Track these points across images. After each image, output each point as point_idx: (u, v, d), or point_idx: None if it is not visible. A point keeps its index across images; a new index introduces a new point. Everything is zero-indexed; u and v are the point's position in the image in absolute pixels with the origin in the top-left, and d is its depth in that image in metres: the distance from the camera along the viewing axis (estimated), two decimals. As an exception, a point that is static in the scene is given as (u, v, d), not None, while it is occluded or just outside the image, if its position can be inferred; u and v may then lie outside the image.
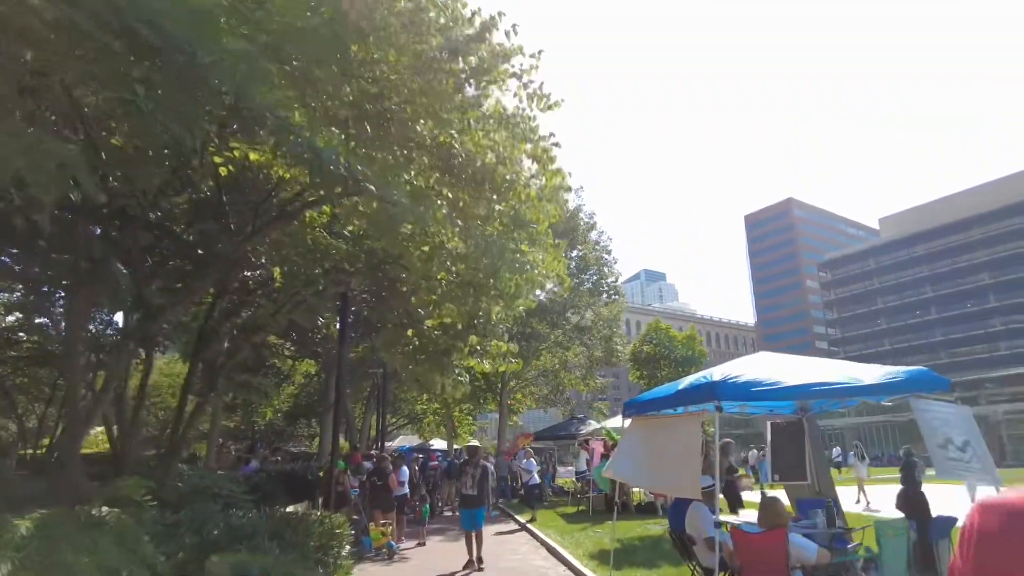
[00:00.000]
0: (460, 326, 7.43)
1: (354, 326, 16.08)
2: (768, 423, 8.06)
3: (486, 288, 7.07)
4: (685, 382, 6.18)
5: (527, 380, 30.91)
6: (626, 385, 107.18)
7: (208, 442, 24.89)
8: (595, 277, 28.05)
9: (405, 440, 47.02)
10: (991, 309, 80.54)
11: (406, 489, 12.13)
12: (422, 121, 5.44)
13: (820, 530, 6.49)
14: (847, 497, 19.65)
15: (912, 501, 4.89)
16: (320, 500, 11.59)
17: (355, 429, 29.16)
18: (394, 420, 49.05)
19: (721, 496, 6.55)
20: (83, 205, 7.02)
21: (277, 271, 10.11)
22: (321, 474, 12.40)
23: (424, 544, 11.89)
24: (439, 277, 7.48)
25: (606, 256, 28.32)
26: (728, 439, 11.58)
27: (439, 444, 38.23)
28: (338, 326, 11.70)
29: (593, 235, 28.12)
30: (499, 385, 28.99)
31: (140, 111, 4.07)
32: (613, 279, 27.92)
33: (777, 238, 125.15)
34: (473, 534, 9.48)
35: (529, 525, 13.68)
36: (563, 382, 29.67)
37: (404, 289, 8.84)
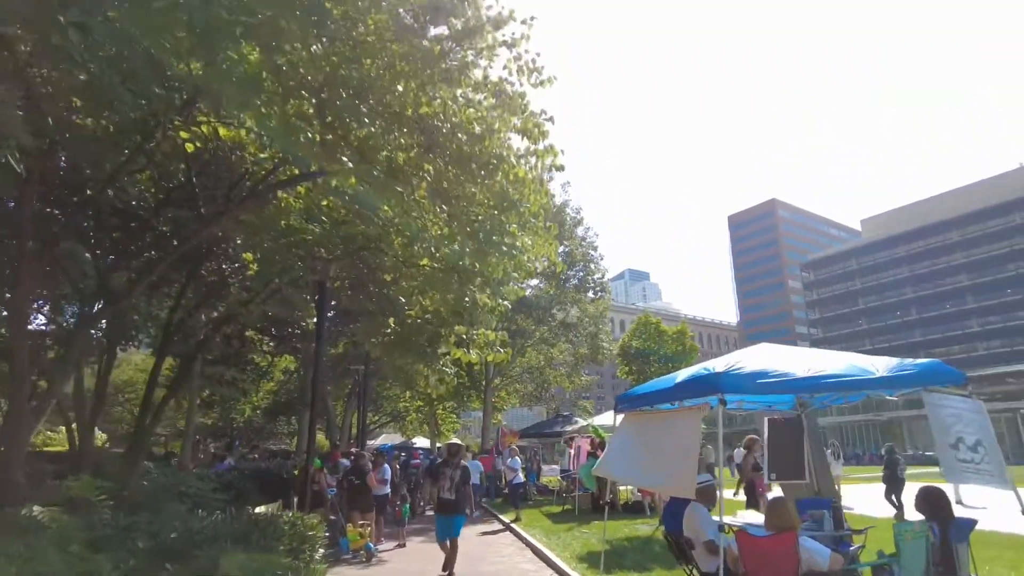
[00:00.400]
0: (444, 314, 6.95)
1: (334, 320, 15.53)
2: (765, 420, 7.69)
3: (471, 275, 6.62)
4: (684, 374, 5.78)
5: (512, 377, 30.51)
6: (610, 384, 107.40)
7: (184, 439, 24.13)
8: (581, 273, 27.70)
9: (388, 438, 46.43)
10: (969, 310, 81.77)
11: (387, 489, 11.62)
12: (401, 87, 4.97)
13: (826, 532, 6.13)
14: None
15: (933, 502, 4.51)
16: (295, 500, 11.05)
17: (336, 426, 28.52)
18: (376, 418, 48.39)
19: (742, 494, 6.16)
20: (32, 178, 6.44)
21: (250, 257, 9.57)
22: (296, 473, 11.87)
23: (404, 545, 11.41)
24: (421, 263, 7.02)
25: (592, 252, 27.99)
26: (754, 435, 11.13)
27: (422, 442, 37.70)
28: (315, 319, 11.17)
29: (580, 231, 27.78)
30: (483, 382, 28.56)
31: (75, 63, 3.56)
32: (599, 275, 27.59)
33: (760, 238, 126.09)
34: (447, 543, 8.36)
35: (514, 525, 13.26)
36: (548, 379, 29.31)
37: (387, 278, 8.35)
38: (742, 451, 28.45)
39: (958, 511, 5.32)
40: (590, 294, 28.15)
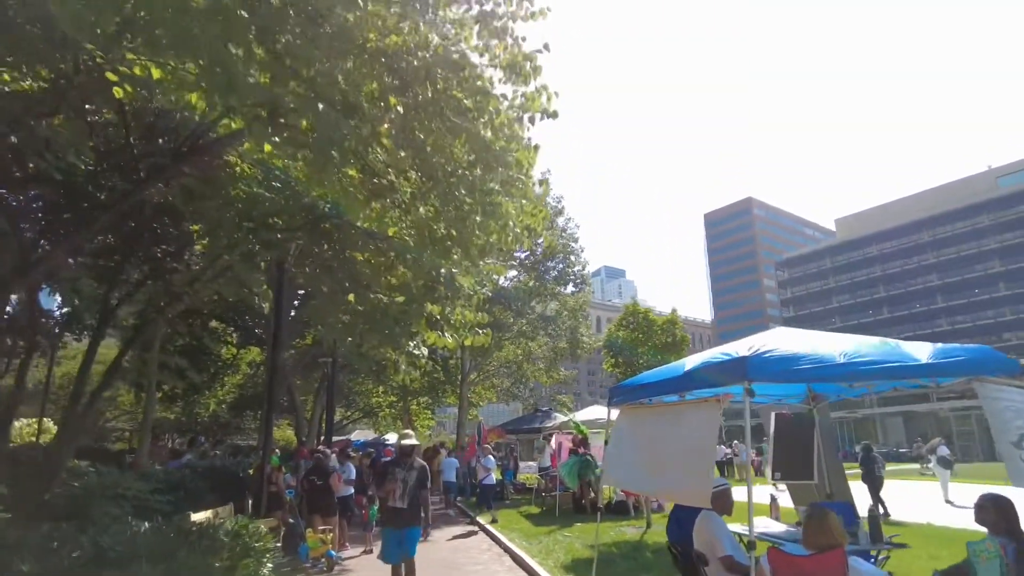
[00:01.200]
0: (415, 290, 6.00)
1: (298, 307, 14.43)
2: (772, 414, 6.91)
3: (447, 245, 5.68)
4: (697, 360, 4.93)
5: (488, 372, 29.61)
6: (586, 380, 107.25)
7: (141, 435, 22.71)
8: (561, 266, 26.86)
9: (361, 434, 45.26)
10: (938, 310, 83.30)
11: (351, 489, 10.63)
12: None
13: (863, 545, 5.33)
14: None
15: (1007, 514, 3.72)
16: (250, 502, 10.01)
17: (304, 421, 27.28)
18: (348, 414, 47.13)
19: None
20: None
21: (197, 230, 8.49)
22: (251, 472, 10.80)
23: (371, 551, 10.42)
24: (390, 232, 6.06)
25: (573, 244, 27.17)
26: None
27: (395, 439, 36.62)
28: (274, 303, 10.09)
29: (560, 221, 26.92)
30: (459, 377, 27.61)
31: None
32: (580, 268, 26.78)
33: (736, 236, 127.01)
34: (402, 567, 6.43)
35: (490, 527, 12.36)
36: (526, 374, 28.44)
37: (358, 257, 7.33)
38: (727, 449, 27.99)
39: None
40: (570, 287, 27.38)
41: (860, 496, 14.32)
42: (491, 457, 17.23)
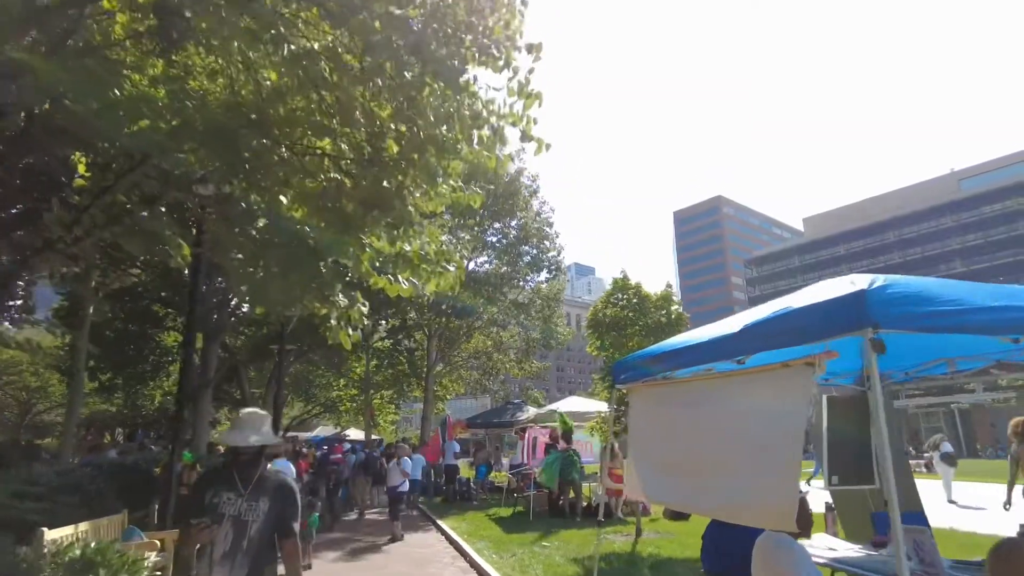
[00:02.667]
0: (351, 210, 4.26)
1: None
2: (824, 397, 5.35)
3: (397, 164, 4.00)
4: (771, 308, 3.34)
5: (456, 364, 27.88)
6: (555, 376, 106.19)
7: (65, 427, 20.31)
8: (534, 251, 25.24)
9: (324, 430, 43.02)
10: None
11: None
12: None
13: (928, 569, 3.79)
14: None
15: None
16: (155, 508, 8.14)
17: (276, 415, 25.11)
18: (309, 408, 44.85)
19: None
20: None
21: (82, 162, 6.58)
22: (158, 470, 8.90)
23: (310, 567, 8.67)
24: (320, 145, 4.32)
25: (548, 229, 25.59)
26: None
27: (357, 434, 34.60)
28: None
29: (535, 203, 25.31)
30: (424, 369, 25.82)
31: None
32: (555, 253, 25.19)
33: (705, 234, 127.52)
34: None
35: (454, 535, 10.66)
36: (496, 365, 26.77)
37: (281, 185, 5.51)
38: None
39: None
40: (544, 273, 25.82)
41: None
42: (455, 443, 15.58)
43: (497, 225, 24.34)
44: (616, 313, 10.18)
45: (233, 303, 19.09)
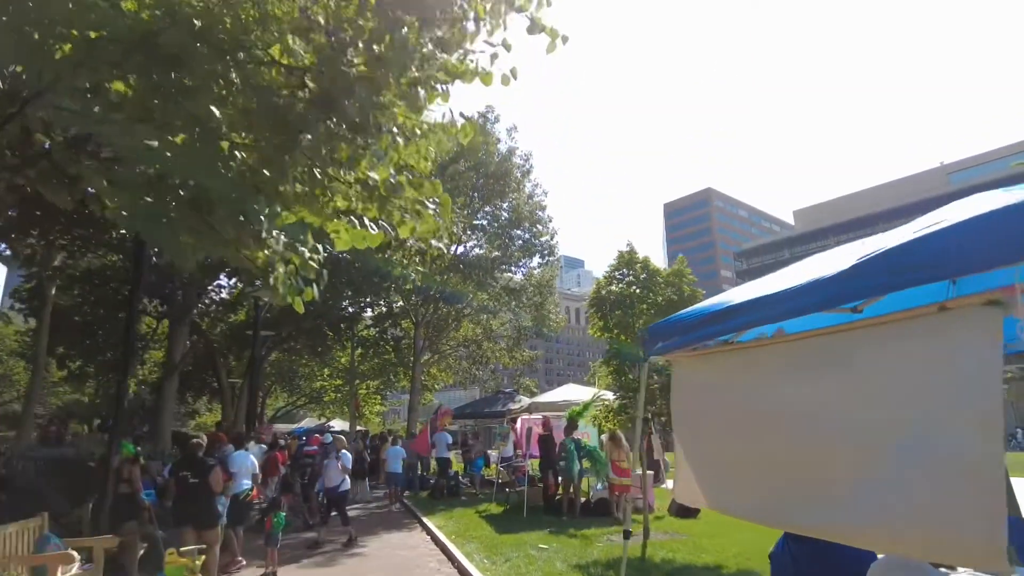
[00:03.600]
0: (304, 96, 3.07)
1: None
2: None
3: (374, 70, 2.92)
4: (921, 224, 2.32)
5: (444, 352, 26.80)
6: (543, 368, 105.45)
7: (23, 417, 18.98)
8: (527, 235, 24.13)
9: (312, 422, 41.82)
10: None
11: (247, 483, 7.69)
12: None
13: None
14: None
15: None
16: (90, 507, 7.01)
17: (230, 404, 23.93)
18: (293, 399, 43.61)
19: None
20: None
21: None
22: (92, 464, 7.74)
23: (274, 575, 7.58)
24: (272, 60, 3.20)
25: (540, 213, 24.49)
26: None
27: (341, 425, 33.44)
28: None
29: (528, 185, 24.20)
30: (411, 358, 24.72)
31: None
32: (548, 237, 24.10)
33: (695, 227, 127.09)
34: None
35: (442, 537, 9.62)
36: (486, 354, 25.70)
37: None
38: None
39: None
40: (536, 259, 24.75)
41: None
42: (446, 433, 14.58)
43: (487, 209, 23.20)
44: (622, 290, 9.15)
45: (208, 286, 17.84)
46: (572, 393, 12.90)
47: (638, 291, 8.90)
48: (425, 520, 11.42)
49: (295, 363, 34.43)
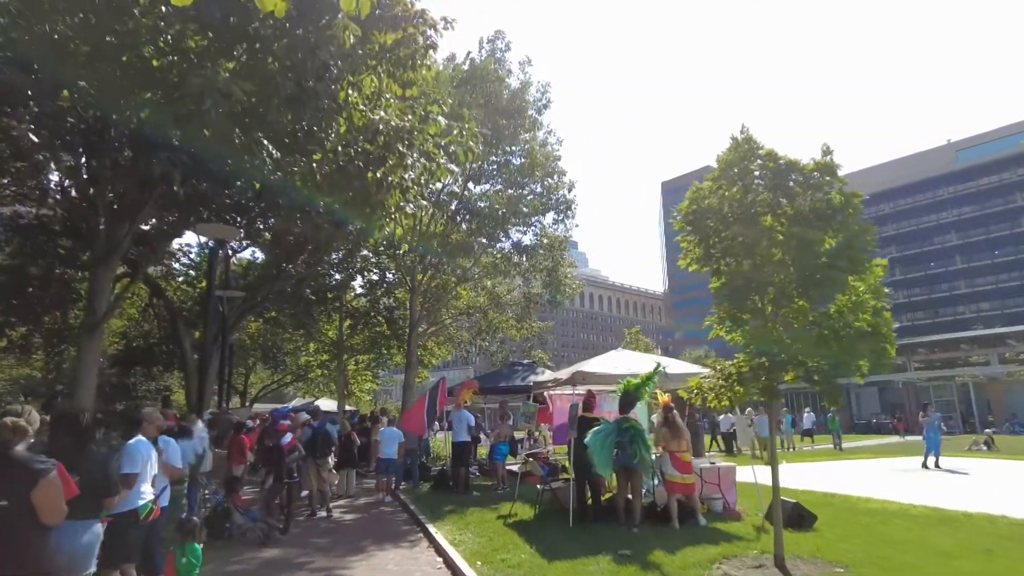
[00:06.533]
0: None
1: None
2: None
3: None
4: None
5: (444, 322, 23.76)
6: (551, 346, 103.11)
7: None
8: (539, 189, 20.90)
9: (301, 401, 38.73)
10: (894, 282, 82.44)
11: (144, 495, 4.69)
12: None
13: None
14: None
15: None
16: None
17: (194, 379, 20.76)
18: (278, 377, 40.43)
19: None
20: None
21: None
22: None
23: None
24: None
25: (556, 164, 21.25)
26: None
27: (328, 404, 30.34)
28: None
29: (541, 134, 20.98)
30: (406, 331, 21.68)
31: None
32: (565, 190, 20.90)
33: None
34: None
35: (461, 563, 6.70)
36: (493, 323, 22.68)
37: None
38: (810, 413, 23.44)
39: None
40: (551, 215, 21.51)
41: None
42: (467, 412, 11.68)
43: (494, 158, 19.88)
44: (737, 196, 6.08)
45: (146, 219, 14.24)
46: (624, 362, 9.91)
47: (767, 195, 5.82)
48: (432, 530, 8.46)
49: (278, 336, 31.27)
